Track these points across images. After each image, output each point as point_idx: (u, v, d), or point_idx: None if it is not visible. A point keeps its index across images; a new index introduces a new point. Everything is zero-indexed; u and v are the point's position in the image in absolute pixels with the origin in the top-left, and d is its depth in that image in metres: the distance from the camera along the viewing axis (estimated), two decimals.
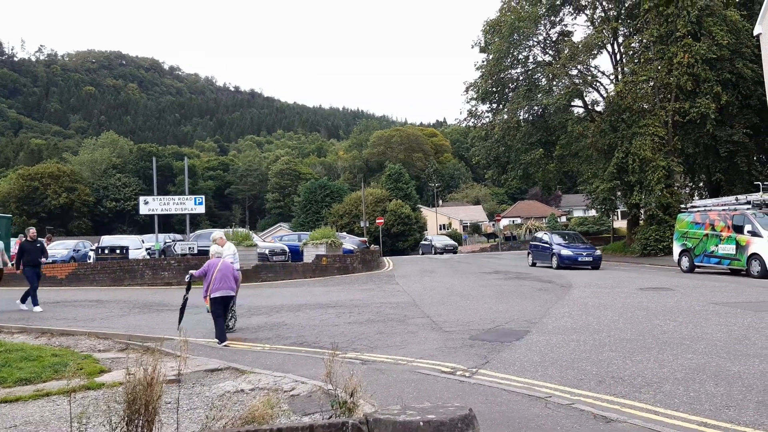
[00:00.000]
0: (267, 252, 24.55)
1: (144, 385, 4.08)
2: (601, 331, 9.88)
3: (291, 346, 9.71)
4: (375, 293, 17.36)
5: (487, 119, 39.85)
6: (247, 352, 9.26)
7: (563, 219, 75.33)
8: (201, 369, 7.63)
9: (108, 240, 30.29)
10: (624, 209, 39.82)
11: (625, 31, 34.89)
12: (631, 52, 34.13)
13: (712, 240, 20.72)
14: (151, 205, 24.96)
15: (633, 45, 33.82)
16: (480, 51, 38.60)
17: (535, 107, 36.48)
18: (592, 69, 35.52)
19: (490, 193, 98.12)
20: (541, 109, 36.58)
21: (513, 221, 75.35)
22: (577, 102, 36.41)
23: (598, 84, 35.77)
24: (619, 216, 56.14)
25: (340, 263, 25.17)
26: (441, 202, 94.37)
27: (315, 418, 5.16)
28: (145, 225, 67.65)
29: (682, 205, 28.05)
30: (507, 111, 37.01)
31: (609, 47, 34.95)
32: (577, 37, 36.59)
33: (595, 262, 24.62)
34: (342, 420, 3.90)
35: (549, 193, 79.80)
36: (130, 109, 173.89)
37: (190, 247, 23.44)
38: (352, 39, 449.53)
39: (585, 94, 36.12)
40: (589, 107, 36.83)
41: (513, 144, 37.58)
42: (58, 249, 28.04)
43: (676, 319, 10.81)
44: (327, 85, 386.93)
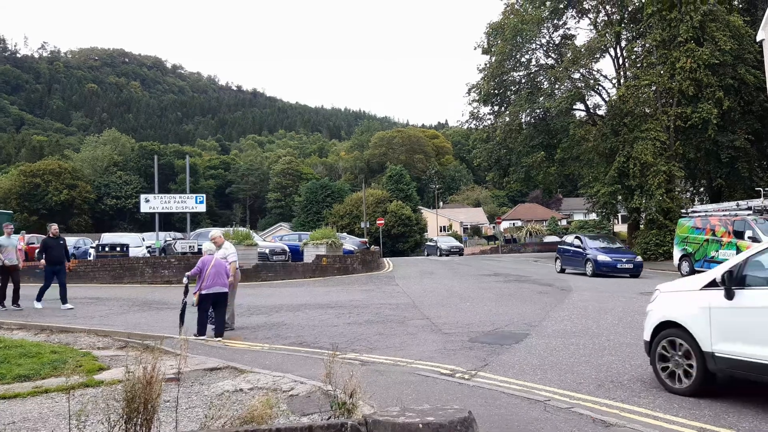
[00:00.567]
0: (267, 251, 24.55)
1: (143, 384, 4.08)
2: (600, 335, 9.88)
3: (290, 346, 9.70)
4: (375, 294, 17.35)
5: (488, 121, 39.92)
6: (246, 352, 9.25)
7: (563, 222, 75.39)
8: (200, 368, 7.62)
9: (108, 237, 30.29)
10: (624, 213, 39.84)
11: (627, 35, 34.91)
12: (633, 57, 34.15)
13: (712, 245, 20.72)
14: (152, 203, 24.98)
15: (636, 49, 33.87)
16: (483, 53, 38.66)
17: (537, 110, 36.52)
18: (594, 73, 35.61)
19: (490, 196, 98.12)
20: (542, 112, 36.61)
21: (513, 224, 75.31)
22: (579, 105, 36.47)
23: (600, 88, 35.85)
24: (619, 220, 56.09)
25: (340, 264, 25.17)
26: (442, 203, 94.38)
27: (314, 418, 5.15)
28: (146, 223, 67.68)
29: (683, 210, 28.03)
30: (509, 113, 37.03)
31: (611, 51, 34.99)
32: (579, 41, 36.57)
33: (635, 270, 22.03)
34: (341, 421, 3.90)
35: (550, 197, 79.89)
36: (133, 107, 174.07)
37: (190, 246, 23.42)
38: (354, 40, 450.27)
39: (587, 97, 36.18)
40: (591, 111, 36.87)
41: (514, 147, 37.61)
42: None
43: None
44: (329, 86, 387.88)
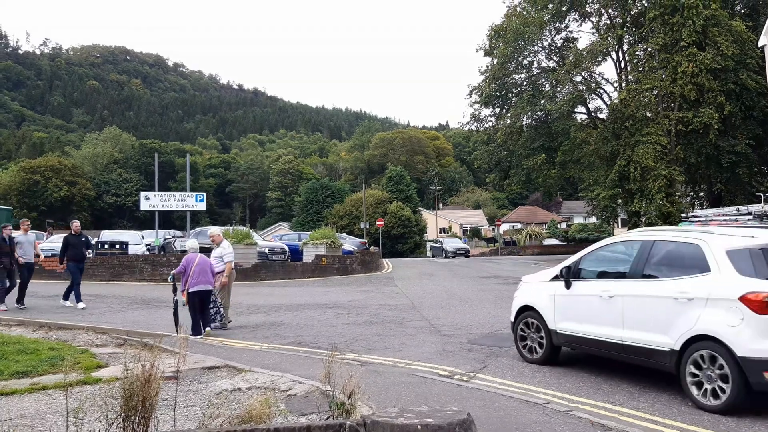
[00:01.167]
0: (267, 251, 24.55)
1: (141, 382, 4.07)
2: None
3: (289, 345, 9.69)
4: (374, 295, 17.34)
5: (490, 123, 39.87)
6: (244, 351, 9.24)
7: (563, 225, 75.38)
8: (198, 366, 7.61)
9: (108, 235, 30.28)
10: (624, 217, 39.80)
11: (630, 39, 34.89)
12: (635, 60, 34.14)
13: None
14: (152, 201, 24.94)
15: (638, 53, 33.86)
16: (484, 54, 38.63)
17: (539, 113, 36.49)
18: (596, 76, 35.60)
19: (490, 198, 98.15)
20: (544, 115, 36.59)
21: (513, 226, 75.27)
22: (581, 109, 36.44)
23: (601, 91, 35.81)
24: (619, 224, 56.07)
25: (339, 264, 25.16)
26: (442, 205, 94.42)
27: (312, 418, 5.14)
28: (146, 221, 67.63)
29: (683, 215, 27.99)
30: (510, 116, 37.00)
31: (613, 55, 34.97)
32: (582, 44, 36.55)
33: None
34: (339, 421, 3.88)
35: (550, 199, 79.86)
36: (134, 104, 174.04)
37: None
38: (356, 41, 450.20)
39: (588, 100, 36.17)
40: (592, 114, 36.85)
41: (515, 149, 37.58)
42: (58, 242, 28.02)
43: None
44: (330, 86, 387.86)
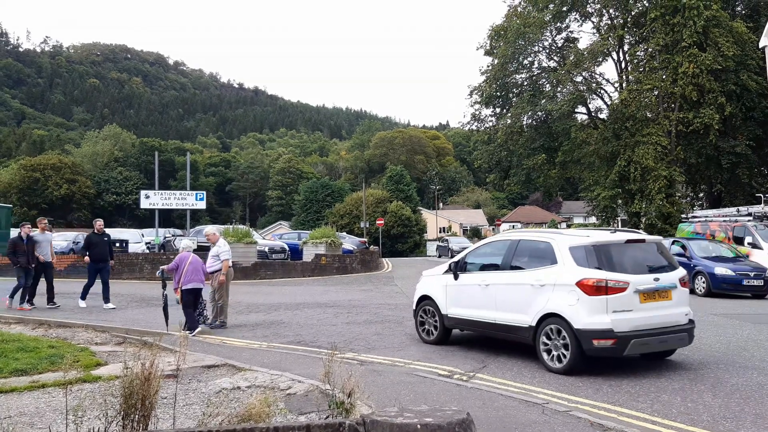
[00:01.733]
0: (266, 250, 24.57)
1: (141, 380, 4.07)
2: None
3: (288, 344, 9.69)
4: (373, 294, 17.35)
5: (490, 123, 39.88)
6: (244, 349, 9.24)
7: (563, 225, 75.34)
8: (198, 365, 7.61)
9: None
10: (624, 217, 39.80)
11: (630, 39, 34.91)
12: (636, 61, 34.15)
13: None
14: (152, 199, 24.93)
15: (638, 53, 33.88)
16: (485, 54, 38.63)
17: (539, 113, 36.50)
18: (596, 76, 35.62)
19: (490, 198, 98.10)
20: (544, 115, 36.60)
21: (513, 226, 75.11)
22: (581, 109, 36.44)
23: (602, 91, 35.82)
24: (619, 224, 55.93)
25: (339, 263, 25.16)
26: (442, 205, 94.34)
27: (311, 417, 5.14)
28: (145, 219, 67.57)
29: (683, 215, 28.05)
30: (510, 116, 37.03)
31: (614, 55, 34.98)
32: (582, 44, 36.55)
33: (766, 287, 16.35)
34: (339, 420, 3.88)
35: (550, 199, 79.78)
36: (134, 102, 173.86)
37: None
38: (357, 40, 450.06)
39: (589, 101, 36.18)
40: (593, 114, 36.84)
41: (515, 149, 37.59)
42: (58, 240, 28.04)
43: None
44: (331, 85, 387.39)
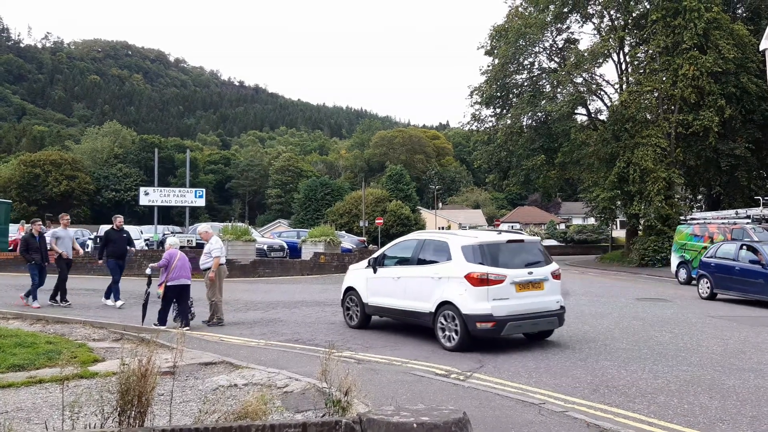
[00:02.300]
0: (265, 248, 24.57)
1: (138, 376, 4.07)
2: (596, 340, 9.88)
3: (286, 342, 9.70)
4: None
5: (490, 123, 39.82)
6: (242, 347, 9.24)
7: (562, 226, 75.34)
8: (195, 362, 7.61)
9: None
10: (623, 219, 39.83)
11: (631, 40, 34.88)
12: (636, 62, 34.12)
13: None
14: (152, 196, 24.92)
15: (639, 55, 33.83)
16: (486, 54, 38.55)
17: (539, 113, 36.47)
18: (596, 77, 35.54)
19: (490, 198, 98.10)
20: (544, 116, 36.57)
21: (512, 226, 75.11)
22: (581, 110, 36.40)
23: (602, 93, 35.78)
24: (618, 225, 56.08)
25: (338, 262, 25.14)
26: (441, 204, 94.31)
27: (308, 415, 5.15)
28: (144, 216, 67.52)
29: (682, 217, 28.04)
30: (510, 116, 36.99)
31: (615, 56, 34.94)
32: (583, 45, 36.58)
33: None
34: (335, 419, 3.88)
35: (549, 200, 79.81)
36: (134, 99, 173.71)
37: (188, 240, 23.39)
38: (358, 39, 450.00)
39: (589, 102, 36.14)
40: (593, 115, 36.82)
41: (515, 149, 37.57)
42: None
43: (672, 331, 10.81)
44: (331, 84, 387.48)
